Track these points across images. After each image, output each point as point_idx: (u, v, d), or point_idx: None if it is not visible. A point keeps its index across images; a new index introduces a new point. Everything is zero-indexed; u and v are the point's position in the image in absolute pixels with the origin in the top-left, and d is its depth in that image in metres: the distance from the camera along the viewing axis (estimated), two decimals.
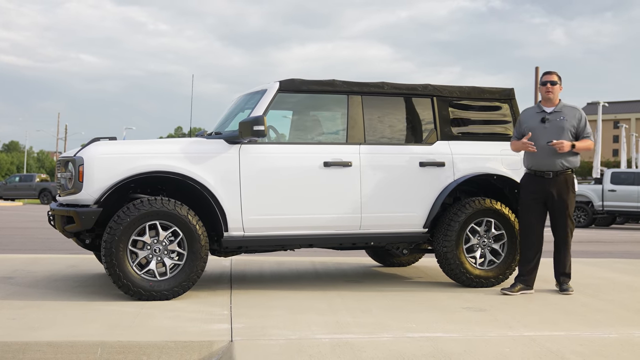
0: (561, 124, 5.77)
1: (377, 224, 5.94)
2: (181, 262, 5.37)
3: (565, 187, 5.80)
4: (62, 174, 5.63)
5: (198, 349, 3.99)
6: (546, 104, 5.91)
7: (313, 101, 6.13)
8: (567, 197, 5.80)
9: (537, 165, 5.83)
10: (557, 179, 5.79)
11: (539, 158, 5.79)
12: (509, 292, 5.77)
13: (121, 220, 5.19)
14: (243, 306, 5.13)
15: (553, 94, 5.85)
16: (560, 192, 5.79)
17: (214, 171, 5.50)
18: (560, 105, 5.88)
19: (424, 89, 6.31)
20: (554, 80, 5.86)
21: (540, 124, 5.83)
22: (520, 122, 6.00)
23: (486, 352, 3.95)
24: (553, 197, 5.79)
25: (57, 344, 3.96)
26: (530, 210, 5.86)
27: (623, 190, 19.19)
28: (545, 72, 5.95)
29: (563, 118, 5.79)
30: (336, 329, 4.41)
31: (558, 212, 5.82)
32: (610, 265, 8.37)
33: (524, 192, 5.93)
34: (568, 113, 5.83)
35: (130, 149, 5.46)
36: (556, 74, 5.91)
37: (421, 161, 6.07)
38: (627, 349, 4.11)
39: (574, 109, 5.88)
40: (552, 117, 5.82)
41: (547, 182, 5.80)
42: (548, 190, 5.79)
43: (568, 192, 5.80)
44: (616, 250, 12.23)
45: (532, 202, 5.85)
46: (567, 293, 5.84)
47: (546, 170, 5.79)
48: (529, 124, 5.89)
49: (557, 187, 5.78)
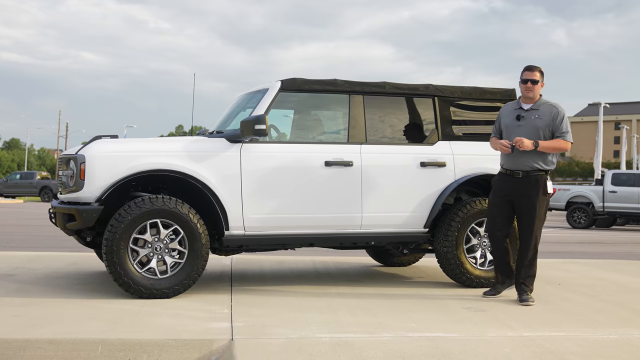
0: (535, 122, 5.48)
1: (377, 223, 5.95)
2: (182, 261, 5.37)
3: (535, 189, 5.47)
4: (63, 172, 5.63)
5: (198, 347, 4.00)
6: (525, 100, 5.59)
7: (314, 101, 6.13)
8: (535, 199, 5.46)
9: (508, 164, 5.56)
10: (528, 180, 5.48)
11: (511, 157, 5.52)
12: (490, 296, 5.65)
13: (122, 219, 5.20)
14: (243, 305, 5.14)
15: (533, 92, 5.51)
16: (529, 193, 5.47)
17: (215, 170, 5.51)
18: (539, 102, 5.55)
19: (426, 89, 6.31)
20: (535, 79, 5.50)
21: (514, 121, 5.55)
22: (499, 119, 5.74)
23: (486, 352, 3.95)
24: (521, 197, 5.49)
25: (58, 341, 3.96)
26: (497, 210, 5.60)
27: (624, 192, 19.19)
28: (526, 68, 5.58)
29: (538, 116, 5.49)
30: (336, 328, 4.42)
31: (525, 213, 5.49)
32: (610, 266, 8.37)
33: (493, 192, 5.68)
34: (544, 111, 5.51)
35: (132, 147, 5.47)
36: (539, 71, 5.55)
37: (422, 161, 6.07)
38: (627, 350, 4.11)
39: (551, 107, 5.54)
40: (528, 115, 5.52)
41: (517, 182, 5.51)
42: (517, 191, 5.50)
43: (537, 194, 5.46)
44: (617, 251, 12.24)
45: (499, 202, 5.58)
46: (527, 304, 5.38)
47: (516, 169, 5.51)
48: (505, 121, 5.63)
49: (526, 188, 5.48)
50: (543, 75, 5.58)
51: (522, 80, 5.55)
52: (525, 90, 5.54)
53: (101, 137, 5.58)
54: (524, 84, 5.54)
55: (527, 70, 5.57)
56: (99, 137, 5.56)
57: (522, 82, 5.56)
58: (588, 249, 12.64)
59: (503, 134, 5.65)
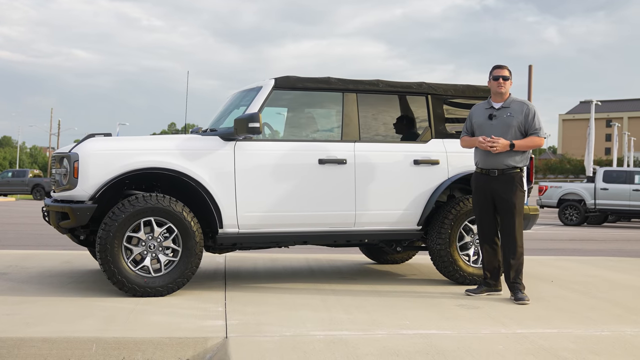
0: (508, 120, 5.48)
1: (371, 221, 5.96)
2: (176, 259, 5.37)
3: (512, 186, 5.48)
4: (57, 170, 5.62)
5: (193, 345, 4.00)
6: (496, 99, 5.60)
7: (308, 98, 6.13)
8: (513, 196, 5.48)
9: (483, 163, 5.57)
10: (503, 178, 5.49)
11: (485, 156, 5.53)
12: (473, 294, 5.64)
13: (116, 217, 5.19)
14: (238, 303, 5.14)
15: (505, 88, 5.54)
16: (505, 191, 5.48)
17: (209, 168, 5.51)
18: (509, 100, 5.57)
19: (419, 87, 6.32)
20: (506, 75, 5.55)
21: (487, 120, 5.56)
22: (470, 118, 5.73)
23: (479, 349, 3.97)
24: (499, 196, 5.51)
25: (52, 339, 3.96)
26: (481, 210, 5.63)
27: (615, 189, 19.26)
28: (495, 66, 5.65)
29: (510, 114, 5.50)
30: (330, 326, 4.43)
31: (504, 212, 5.51)
32: (602, 263, 8.42)
33: (473, 192, 5.71)
34: (516, 108, 5.52)
35: (126, 145, 5.46)
36: (507, 69, 5.61)
37: (415, 159, 6.09)
38: (620, 346, 4.14)
39: (522, 104, 5.56)
40: (499, 114, 5.53)
41: (493, 181, 5.52)
42: (494, 189, 5.52)
43: (515, 192, 5.48)
44: (608, 248, 12.30)
45: (482, 201, 5.61)
46: (523, 302, 5.36)
47: (491, 168, 5.52)
48: (477, 120, 5.63)
49: (502, 186, 5.49)
50: (511, 74, 5.64)
51: (493, 77, 5.59)
52: (498, 87, 5.56)
53: (94, 135, 5.57)
54: (495, 80, 5.57)
55: (497, 68, 5.64)
56: (93, 135, 5.55)
57: (493, 79, 5.59)
58: (580, 246, 12.69)
59: (475, 133, 5.66)
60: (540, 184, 21.18)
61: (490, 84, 5.63)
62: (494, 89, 5.59)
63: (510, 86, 5.64)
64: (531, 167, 6.53)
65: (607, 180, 19.51)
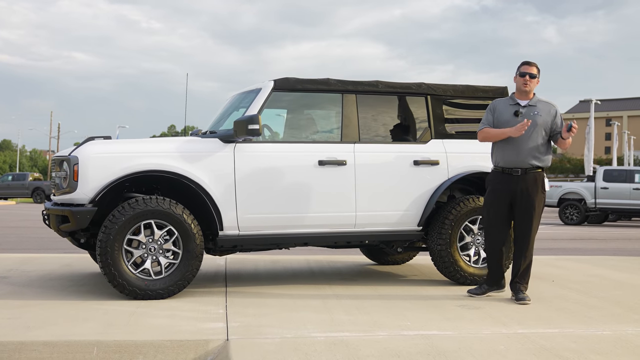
0: (535, 118, 5.39)
1: (371, 222, 5.96)
2: (176, 261, 5.37)
3: (534, 186, 5.40)
4: (56, 173, 5.62)
5: (194, 348, 4.00)
6: (521, 96, 5.51)
7: (307, 100, 6.13)
8: (535, 196, 5.40)
9: (506, 162, 5.44)
10: (526, 177, 5.39)
11: (509, 154, 5.42)
12: (475, 295, 5.58)
13: (116, 220, 5.19)
14: (238, 305, 5.14)
15: (530, 86, 5.45)
16: (528, 191, 5.39)
17: (208, 170, 5.50)
18: (535, 99, 5.50)
19: (418, 88, 6.32)
20: (533, 73, 5.44)
21: (513, 117, 5.44)
22: (492, 111, 5.57)
23: (480, 350, 3.97)
24: (520, 195, 5.39)
25: (53, 343, 3.96)
26: (494, 210, 5.50)
27: (615, 188, 19.26)
28: (524, 62, 5.51)
29: (537, 113, 5.42)
30: (331, 327, 4.42)
31: (523, 211, 5.42)
32: (603, 262, 8.41)
33: (490, 191, 5.55)
34: (542, 108, 5.45)
35: (125, 148, 5.46)
36: (536, 66, 5.49)
37: (415, 160, 6.09)
38: (621, 345, 4.14)
39: (548, 104, 5.50)
40: (526, 111, 5.43)
41: (515, 180, 5.40)
42: (515, 189, 5.40)
43: (537, 192, 5.41)
44: (608, 247, 12.29)
45: (498, 201, 5.48)
46: (524, 303, 5.33)
47: (514, 167, 5.41)
48: (501, 116, 5.50)
49: (525, 186, 5.39)
50: (540, 72, 5.53)
51: (520, 74, 5.48)
52: (523, 84, 5.45)
53: (94, 138, 5.57)
54: (521, 77, 5.46)
55: (525, 64, 5.50)
56: (92, 139, 5.55)
57: (519, 75, 5.48)
58: (580, 245, 12.68)
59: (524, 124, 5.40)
60: None
61: (516, 80, 5.52)
62: (519, 86, 5.49)
63: (537, 85, 5.53)
64: None
65: (607, 179, 19.51)
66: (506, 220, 5.55)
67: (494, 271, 5.65)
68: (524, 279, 5.52)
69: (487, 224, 5.62)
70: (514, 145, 5.42)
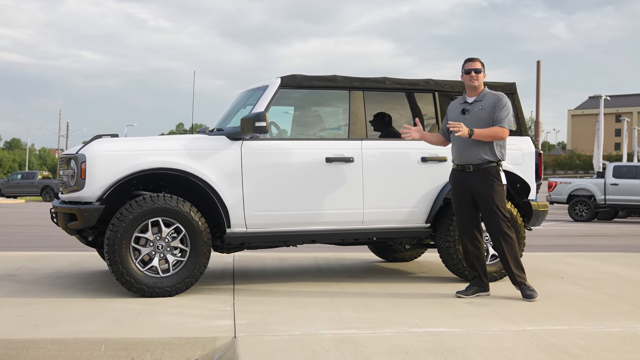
0: (479, 113, 5.40)
1: (379, 219, 5.94)
2: (184, 259, 5.37)
3: (488, 181, 5.36)
4: (64, 172, 5.63)
5: (202, 345, 4.00)
6: (470, 93, 5.52)
7: (315, 97, 6.12)
8: (490, 191, 5.36)
9: (458, 159, 5.49)
10: (479, 173, 5.39)
11: (460, 151, 5.45)
12: (464, 296, 5.48)
13: (124, 217, 5.20)
14: (246, 302, 5.14)
15: (478, 81, 5.45)
16: (482, 186, 5.38)
17: (216, 167, 5.50)
18: (482, 93, 5.49)
19: (426, 84, 6.30)
20: (478, 68, 5.44)
21: (460, 115, 5.48)
22: (446, 115, 5.66)
23: (489, 347, 3.95)
24: (476, 192, 5.41)
25: (61, 341, 3.97)
26: (460, 208, 5.53)
27: (625, 184, 19.15)
28: (467, 59, 5.54)
29: (482, 107, 5.41)
30: (339, 324, 4.42)
31: (483, 208, 5.42)
32: (612, 259, 8.37)
33: (452, 190, 5.62)
34: (487, 101, 5.43)
35: (133, 146, 5.46)
36: (479, 61, 5.50)
37: (423, 156, 6.07)
38: (630, 342, 4.11)
39: (494, 96, 5.45)
40: (472, 108, 5.46)
41: (469, 177, 5.42)
42: (471, 185, 5.43)
43: (492, 186, 5.36)
44: (619, 244, 12.23)
45: (460, 199, 5.52)
46: (532, 300, 5.33)
47: (466, 164, 5.43)
48: (451, 116, 5.56)
49: (478, 181, 5.38)
50: (484, 66, 5.54)
51: (465, 71, 5.51)
52: (470, 80, 5.48)
53: (102, 136, 5.57)
54: (467, 74, 5.49)
55: (468, 61, 5.53)
56: (100, 137, 5.56)
57: (465, 72, 5.51)
58: (590, 242, 12.63)
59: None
60: (549, 180, 21.09)
61: (463, 78, 5.55)
62: (467, 82, 5.51)
63: (484, 78, 5.55)
64: (540, 163, 6.51)
65: (617, 175, 19.40)
66: (474, 215, 5.53)
67: (475, 273, 5.57)
68: (520, 275, 5.44)
69: (457, 221, 5.64)
70: (463, 142, 5.43)
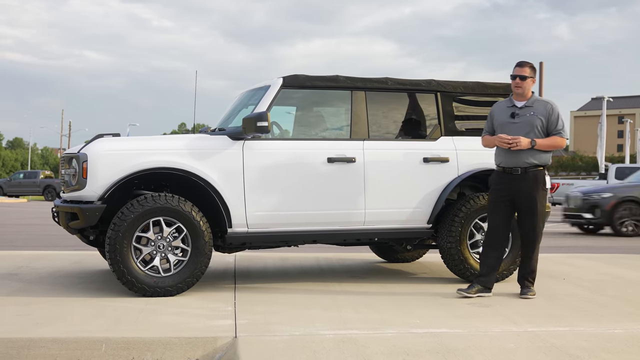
0: (531, 119, 5.44)
1: (381, 219, 5.93)
2: (185, 259, 5.37)
3: (535, 185, 5.45)
4: (66, 171, 5.63)
5: (202, 345, 4.00)
6: (517, 98, 5.56)
7: (317, 97, 6.12)
8: (536, 194, 5.45)
9: (505, 162, 5.50)
10: (526, 176, 5.45)
11: (508, 154, 5.47)
12: (467, 294, 5.46)
13: (125, 217, 5.19)
14: (247, 302, 5.13)
15: (522, 88, 5.49)
16: (529, 190, 5.44)
17: (217, 167, 5.50)
18: (532, 99, 5.53)
19: (428, 85, 6.29)
20: (524, 75, 5.48)
21: (509, 119, 5.50)
22: (491, 117, 5.68)
23: (490, 348, 3.94)
24: (521, 194, 5.45)
25: (62, 340, 3.97)
26: (497, 209, 5.54)
27: None
28: (517, 64, 5.57)
29: (533, 113, 5.45)
30: (340, 325, 4.41)
31: (526, 210, 5.48)
32: (614, 260, 8.35)
33: (492, 191, 5.63)
34: (539, 108, 5.48)
35: (134, 145, 5.46)
36: (528, 67, 5.53)
37: (425, 157, 6.06)
38: (632, 344, 4.10)
39: (545, 103, 5.51)
40: (522, 112, 5.48)
41: (516, 180, 5.46)
42: (516, 188, 5.46)
43: (537, 190, 5.46)
44: (620, 245, 12.20)
45: (499, 201, 5.53)
46: (527, 297, 5.45)
47: (514, 167, 5.46)
48: (499, 119, 5.58)
49: (525, 185, 5.44)
50: (534, 71, 5.57)
51: (511, 76, 5.56)
52: (515, 87, 5.53)
53: (103, 135, 5.57)
54: (512, 79, 5.55)
55: (517, 66, 5.57)
56: (101, 136, 5.56)
57: (511, 78, 5.56)
58: (592, 243, 12.61)
59: (497, 132, 5.59)
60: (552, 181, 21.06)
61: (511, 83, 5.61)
62: (512, 88, 5.57)
63: (533, 84, 5.58)
64: None
65: (619, 177, 19.36)
66: (506, 221, 5.57)
67: (488, 272, 5.56)
68: (531, 275, 5.57)
69: (489, 222, 5.67)
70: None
